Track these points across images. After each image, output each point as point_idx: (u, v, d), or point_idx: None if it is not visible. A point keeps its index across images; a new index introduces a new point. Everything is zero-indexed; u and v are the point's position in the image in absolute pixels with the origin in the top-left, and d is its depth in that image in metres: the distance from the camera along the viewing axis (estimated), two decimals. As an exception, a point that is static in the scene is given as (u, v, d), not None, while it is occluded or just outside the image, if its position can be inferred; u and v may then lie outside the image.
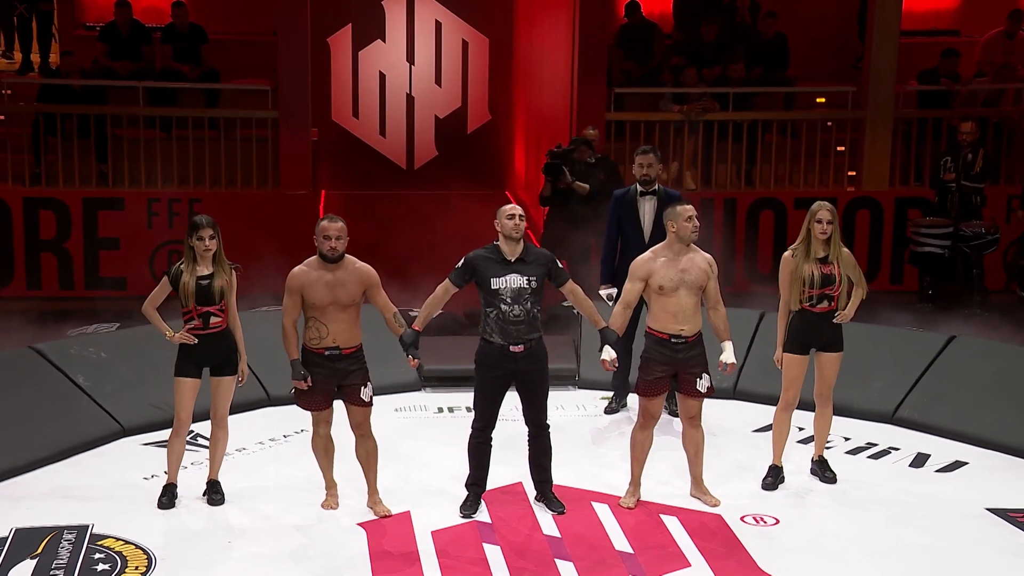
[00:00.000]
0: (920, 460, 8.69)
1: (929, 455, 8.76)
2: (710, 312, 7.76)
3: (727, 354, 7.73)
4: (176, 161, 13.57)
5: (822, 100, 14.66)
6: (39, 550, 7.05)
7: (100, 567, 6.89)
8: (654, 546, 7.26)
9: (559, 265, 7.60)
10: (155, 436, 8.80)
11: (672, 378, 7.71)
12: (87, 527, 7.34)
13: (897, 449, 8.88)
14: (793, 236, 8.16)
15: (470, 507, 7.68)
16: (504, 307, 7.39)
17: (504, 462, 7.97)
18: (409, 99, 16.26)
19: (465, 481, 7.75)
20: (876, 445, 8.95)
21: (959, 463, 8.63)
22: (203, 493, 7.82)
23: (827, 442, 8.38)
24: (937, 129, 14.15)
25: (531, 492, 7.86)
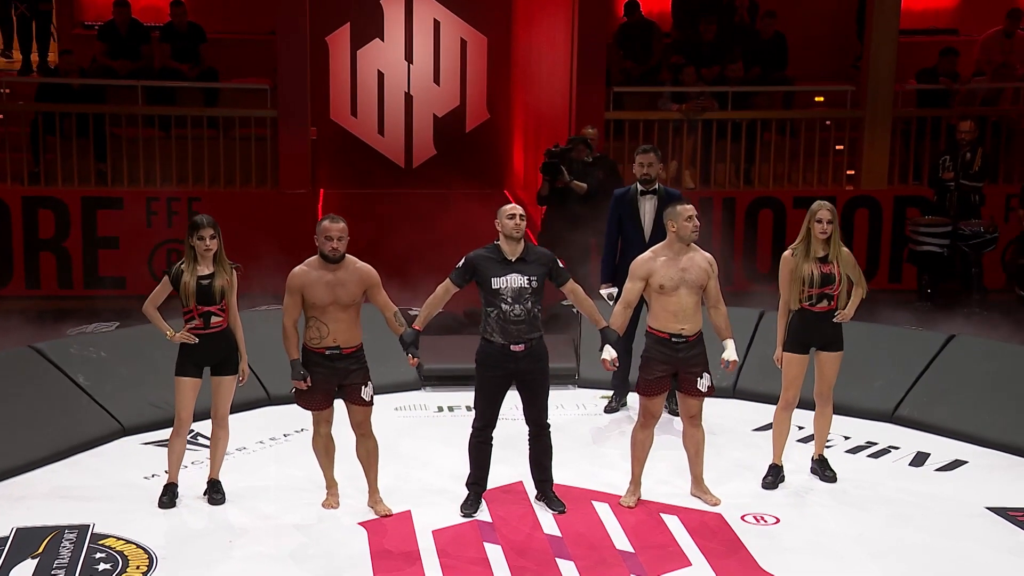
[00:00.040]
0: (920, 459, 8.70)
1: (929, 454, 8.77)
2: (711, 311, 7.76)
3: (729, 352, 7.74)
4: (175, 160, 13.57)
5: (821, 99, 14.67)
6: (40, 549, 7.04)
7: (101, 567, 6.89)
8: (655, 545, 7.27)
9: (560, 265, 7.60)
10: (155, 435, 8.80)
11: (673, 377, 7.72)
12: (88, 527, 7.34)
13: (897, 448, 8.89)
14: (792, 235, 8.17)
15: (471, 506, 7.68)
16: (505, 306, 7.40)
17: (504, 461, 7.97)
18: (407, 98, 16.26)
19: (466, 480, 7.75)
20: (876, 444, 8.95)
21: (959, 462, 8.64)
22: (204, 492, 7.82)
23: (827, 441, 8.38)
24: (936, 128, 14.16)
25: (532, 491, 7.87)
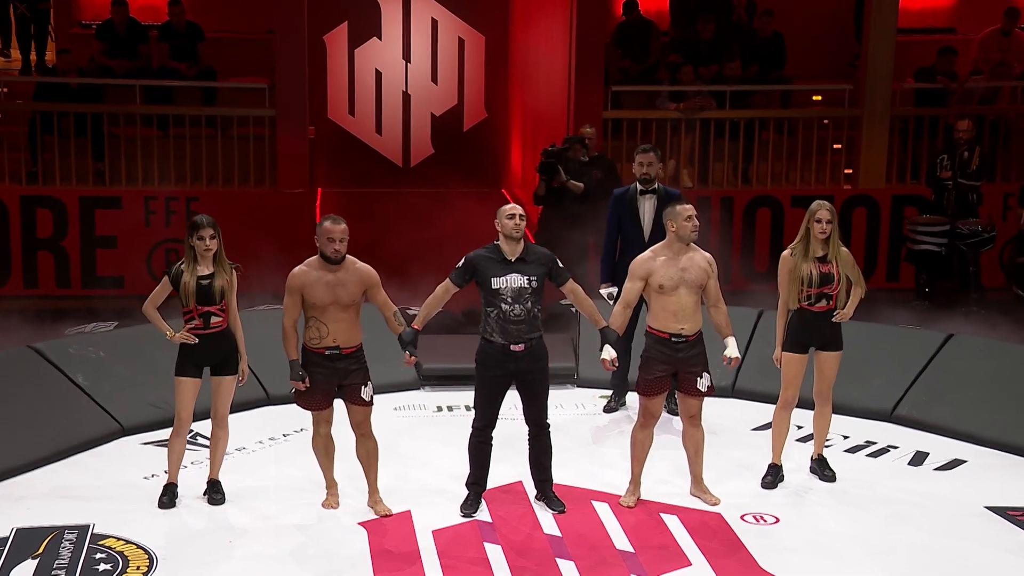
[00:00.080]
0: (919, 458, 8.71)
1: (928, 453, 8.78)
2: (711, 310, 7.77)
3: (731, 349, 7.74)
4: (173, 159, 13.57)
5: (819, 98, 14.69)
6: (40, 550, 7.04)
7: (102, 567, 6.88)
8: (655, 545, 7.27)
9: (560, 264, 7.60)
10: (155, 435, 8.80)
11: (672, 377, 7.72)
12: (88, 527, 7.33)
13: (896, 447, 8.89)
14: (790, 234, 8.18)
15: (471, 506, 7.68)
16: (505, 306, 7.40)
17: (504, 461, 7.97)
18: (405, 97, 16.25)
19: (465, 480, 7.76)
20: (875, 443, 8.96)
21: (958, 461, 8.64)
22: (204, 493, 7.82)
23: (826, 441, 8.39)
24: (934, 127, 14.17)
25: (531, 491, 7.87)
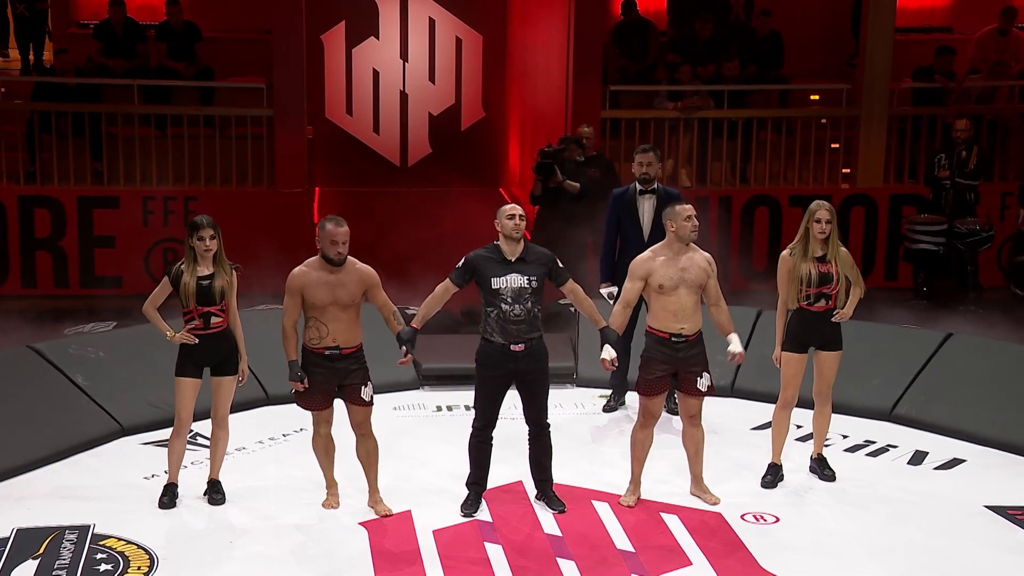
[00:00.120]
0: (918, 458, 8.72)
1: (927, 452, 8.79)
2: (712, 309, 7.77)
3: (734, 345, 7.74)
4: (171, 159, 13.54)
5: (816, 97, 14.70)
6: (41, 550, 7.04)
7: (103, 567, 6.89)
8: (655, 545, 7.28)
9: (559, 264, 7.60)
10: (154, 436, 8.79)
11: (672, 377, 7.73)
12: (88, 527, 7.34)
13: (895, 447, 8.90)
14: (788, 233, 8.19)
15: (471, 506, 7.69)
16: (505, 306, 7.40)
17: (504, 461, 7.97)
18: (403, 96, 16.22)
19: (466, 480, 7.76)
20: (874, 443, 8.97)
21: (957, 460, 8.65)
22: (204, 493, 7.82)
23: (826, 440, 8.39)
24: (931, 126, 14.18)
25: (531, 491, 7.87)
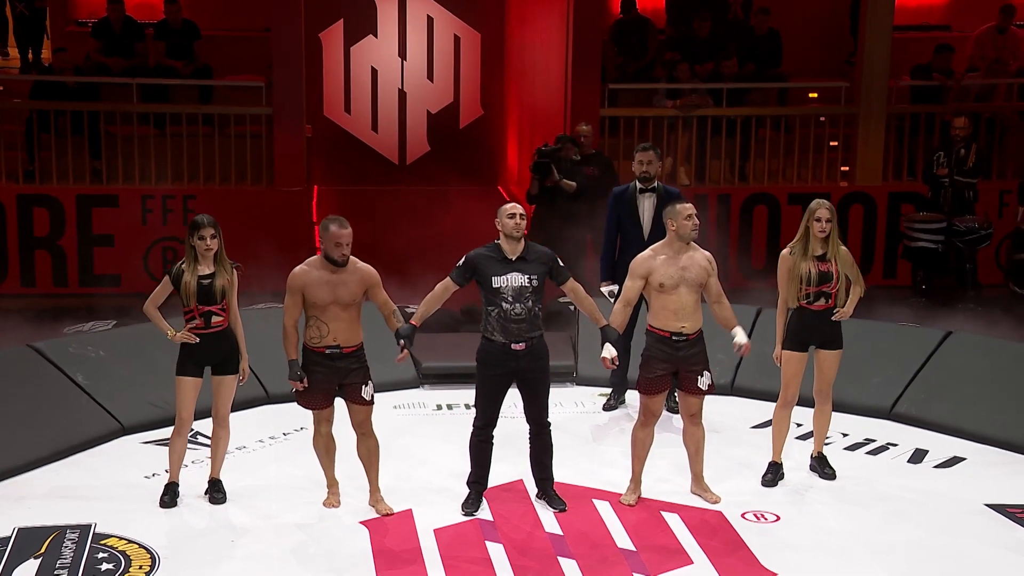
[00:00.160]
0: (918, 456, 8.73)
1: (927, 451, 8.80)
2: (714, 307, 7.78)
3: (740, 336, 7.74)
4: (170, 158, 13.52)
5: (815, 95, 14.70)
6: (42, 550, 7.05)
7: (104, 567, 6.89)
8: (656, 543, 7.28)
9: (560, 263, 7.61)
10: (155, 435, 8.79)
11: (673, 375, 7.73)
12: (90, 526, 7.34)
13: (895, 445, 8.91)
14: (787, 231, 8.20)
15: (472, 505, 7.69)
16: (505, 305, 7.40)
17: (504, 459, 7.97)
18: (401, 94, 16.23)
19: (466, 479, 7.76)
20: (874, 441, 8.98)
21: (957, 459, 8.66)
22: (205, 492, 7.82)
23: (826, 438, 8.40)
24: (930, 124, 14.17)
25: (532, 489, 7.88)
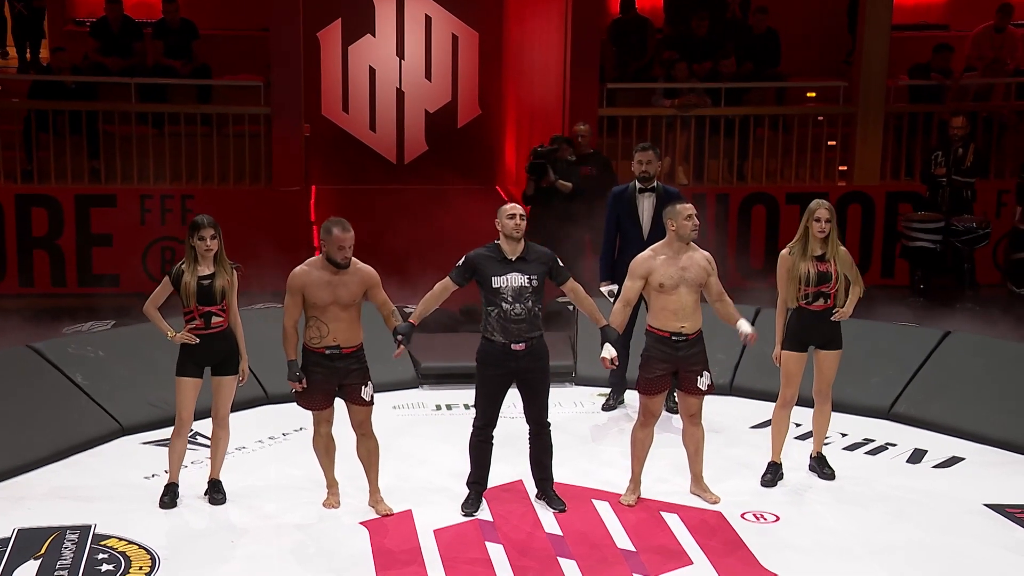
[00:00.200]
0: (917, 456, 8.73)
1: (926, 451, 8.80)
2: (716, 305, 7.78)
3: (744, 326, 7.71)
4: (168, 158, 13.52)
5: (813, 95, 14.71)
6: (42, 551, 7.04)
7: (104, 567, 6.88)
8: (656, 544, 7.28)
9: (560, 263, 7.61)
10: (154, 435, 8.79)
11: (673, 376, 7.74)
12: (89, 527, 7.34)
13: (894, 445, 8.92)
14: (785, 231, 8.20)
15: (471, 505, 7.69)
16: (505, 305, 7.41)
17: (504, 460, 7.97)
18: (399, 94, 16.23)
19: (466, 479, 7.76)
20: (873, 441, 8.98)
21: (956, 459, 8.67)
22: (204, 492, 7.82)
23: (825, 438, 8.40)
24: (928, 124, 14.19)
25: (532, 490, 7.88)
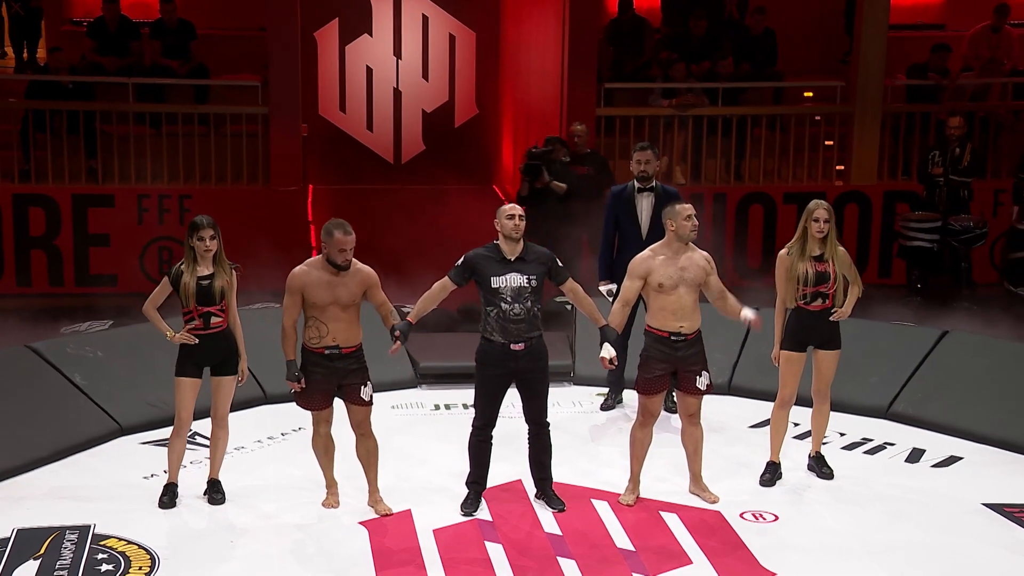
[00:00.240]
0: (915, 455, 8.74)
1: (924, 450, 8.81)
2: (718, 303, 7.77)
3: (747, 312, 7.69)
4: (166, 157, 13.51)
5: (810, 95, 14.72)
6: (42, 551, 7.04)
7: (104, 567, 6.89)
8: (655, 543, 7.29)
9: (559, 264, 7.62)
10: (153, 435, 8.80)
11: (671, 376, 7.75)
12: (89, 527, 7.34)
13: (892, 444, 8.93)
14: (783, 230, 8.21)
15: (471, 505, 7.70)
16: (504, 305, 7.41)
17: (503, 459, 7.98)
18: (396, 93, 16.21)
19: (465, 479, 7.77)
20: (871, 440, 8.99)
21: (954, 458, 8.68)
22: (204, 492, 7.82)
23: (823, 438, 8.41)
24: (925, 123, 14.20)
25: (531, 489, 7.89)
